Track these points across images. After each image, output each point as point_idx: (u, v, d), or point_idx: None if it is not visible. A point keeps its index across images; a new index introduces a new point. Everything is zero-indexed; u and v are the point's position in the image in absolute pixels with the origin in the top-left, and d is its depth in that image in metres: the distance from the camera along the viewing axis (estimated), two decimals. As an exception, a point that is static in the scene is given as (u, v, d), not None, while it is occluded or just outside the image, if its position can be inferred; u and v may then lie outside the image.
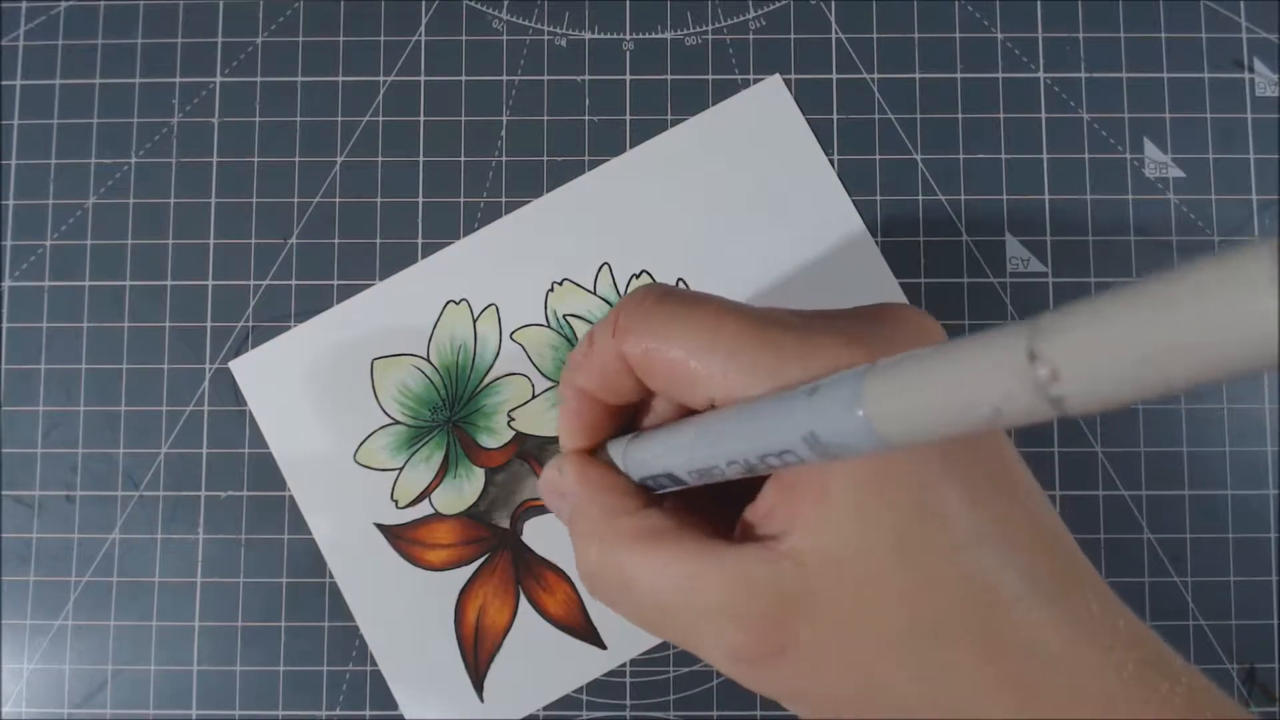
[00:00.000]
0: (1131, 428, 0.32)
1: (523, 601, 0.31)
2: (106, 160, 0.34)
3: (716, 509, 0.20)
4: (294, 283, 0.33)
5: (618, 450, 0.22)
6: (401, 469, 0.32)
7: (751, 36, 0.34)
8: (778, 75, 0.33)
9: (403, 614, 0.31)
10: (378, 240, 0.33)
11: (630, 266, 0.33)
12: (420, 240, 0.33)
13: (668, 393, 0.20)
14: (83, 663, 0.32)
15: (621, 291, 0.32)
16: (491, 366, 0.32)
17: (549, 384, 0.32)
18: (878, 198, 0.33)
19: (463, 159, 0.33)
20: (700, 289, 0.32)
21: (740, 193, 0.33)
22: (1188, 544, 0.32)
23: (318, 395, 0.32)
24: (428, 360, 0.32)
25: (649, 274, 0.32)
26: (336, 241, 0.33)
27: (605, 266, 0.32)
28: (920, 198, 0.33)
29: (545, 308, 0.32)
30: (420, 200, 0.33)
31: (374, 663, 0.31)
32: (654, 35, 0.34)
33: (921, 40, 0.34)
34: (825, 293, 0.32)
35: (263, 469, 0.32)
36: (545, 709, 0.31)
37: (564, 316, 0.32)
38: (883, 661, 0.17)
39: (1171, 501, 0.32)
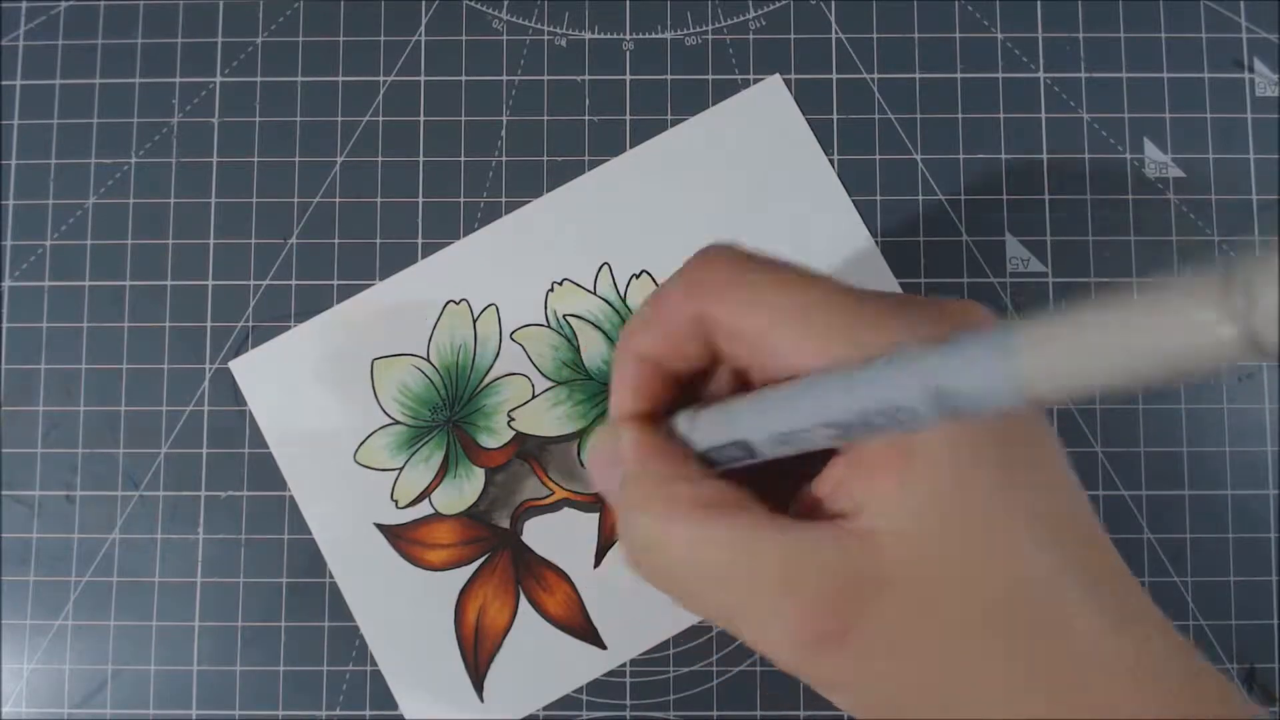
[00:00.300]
0: (1131, 428, 0.32)
1: (523, 601, 0.31)
2: (106, 160, 0.34)
3: (769, 492, 0.20)
4: (294, 283, 0.33)
5: (684, 420, 0.21)
6: (401, 469, 0.32)
7: (751, 36, 0.34)
8: (778, 75, 0.33)
9: (403, 614, 0.31)
10: (378, 240, 0.33)
11: (630, 267, 0.33)
12: (420, 240, 0.33)
13: (744, 358, 0.19)
14: (83, 663, 0.32)
15: (622, 292, 0.32)
16: (491, 366, 0.32)
17: (549, 384, 0.32)
18: (878, 198, 0.33)
19: (463, 159, 0.33)
20: None
21: (740, 193, 0.33)
22: (1188, 544, 0.32)
23: (318, 395, 0.32)
24: (428, 360, 0.32)
25: (649, 274, 0.32)
26: (336, 241, 0.33)
27: (605, 267, 0.32)
28: (920, 198, 0.33)
29: (545, 308, 0.32)
30: (420, 200, 0.33)
31: (374, 663, 0.31)
32: (654, 35, 0.34)
33: (921, 40, 0.34)
34: None
35: (263, 469, 0.32)
36: (545, 709, 0.31)
37: (564, 316, 0.32)
38: (934, 655, 0.17)
39: (1171, 501, 0.32)
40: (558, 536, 0.32)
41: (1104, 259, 0.33)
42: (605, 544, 0.32)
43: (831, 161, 0.33)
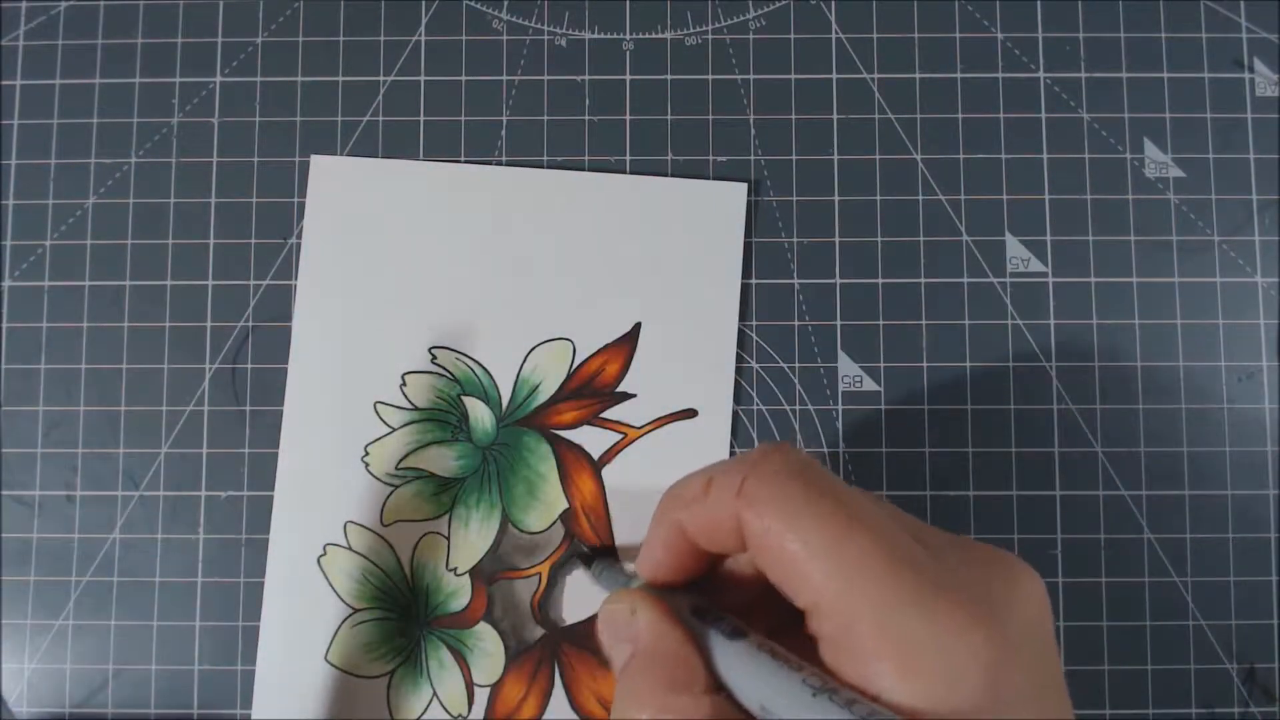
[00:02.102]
0: (1131, 428, 0.32)
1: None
2: (106, 160, 0.34)
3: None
4: (294, 283, 0.33)
5: (684, 606, 0.21)
6: (434, 693, 0.31)
7: (751, 36, 0.34)
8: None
9: None
10: (378, 240, 0.33)
11: (389, 385, 0.32)
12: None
13: (770, 575, 0.19)
14: (83, 663, 0.32)
15: (410, 403, 0.32)
16: (400, 561, 0.31)
17: (444, 513, 0.31)
18: (878, 198, 0.33)
19: (463, 159, 0.33)
20: (449, 338, 0.32)
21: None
22: (1188, 544, 0.32)
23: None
24: (370, 610, 0.31)
25: (407, 374, 0.32)
26: (336, 241, 0.33)
27: (376, 405, 0.32)
28: (920, 198, 0.33)
29: (379, 482, 0.32)
30: (420, 200, 0.33)
31: (374, 663, 0.31)
32: (654, 35, 0.34)
33: (921, 40, 0.34)
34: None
35: (263, 469, 0.32)
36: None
37: (398, 470, 0.32)
38: None
39: (1171, 501, 0.32)
40: (572, 594, 0.31)
41: (1104, 259, 0.33)
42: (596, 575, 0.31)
43: (831, 161, 0.33)
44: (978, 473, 0.32)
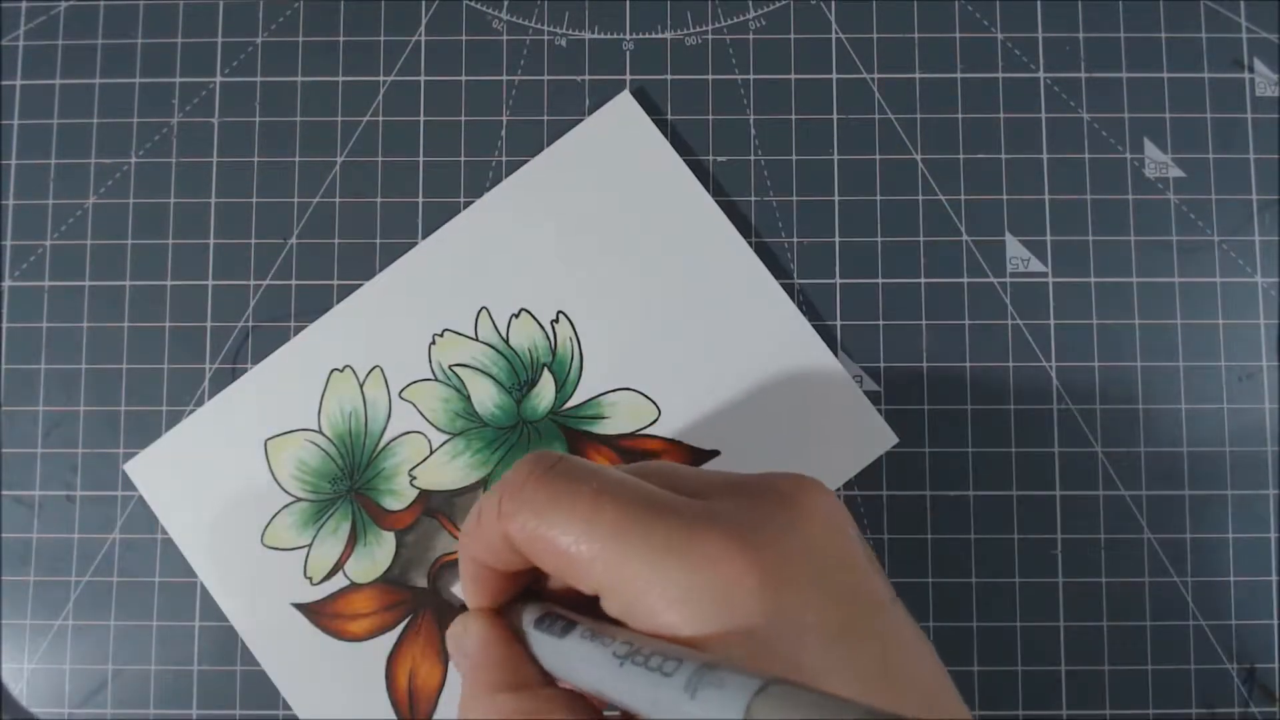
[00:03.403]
0: (1131, 428, 0.32)
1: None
2: (106, 160, 0.34)
3: None
4: (294, 283, 0.33)
5: (528, 620, 0.22)
6: (310, 545, 0.31)
7: (751, 36, 0.34)
8: (626, 91, 0.33)
9: (335, 690, 0.31)
10: (378, 240, 0.33)
11: (508, 307, 0.32)
12: (420, 241, 0.33)
13: (556, 575, 0.20)
14: (83, 663, 0.32)
15: (504, 334, 0.32)
16: (385, 428, 0.32)
17: (445, 437, 0.32)
18: (878, 198, 0.33)
19: (463, 159, 0.33)
20: (582, 319, 0.32)
21: (608, 215, 0.33)
22: (1188, 544, 0.32)
23: (216, 485, 0.32)
24: (320, 432, 0.32)
25: (528, 311, 0.32)
26: (336, 241, 0.33)
27: (483, 311, 0.32)
28: (920, 198, 0.33)
29: (430, 361, 0.32)
30: (420, 200, 0.33)
31: (374, 663, 0.31)
32: (654, 35, 0.34)
33: (921, 40, 0.34)
34: (705, 299, 0.32)
35: (263, 469, 0.32)
36: None
37: (450, 368, 0.32)
38: None
39: (1171, 501, 0.32)
40: None
41: (1104, 259, 0.33)
42: None
43: (832, 161, 0.33)
44: (978, 473, 0.32)
